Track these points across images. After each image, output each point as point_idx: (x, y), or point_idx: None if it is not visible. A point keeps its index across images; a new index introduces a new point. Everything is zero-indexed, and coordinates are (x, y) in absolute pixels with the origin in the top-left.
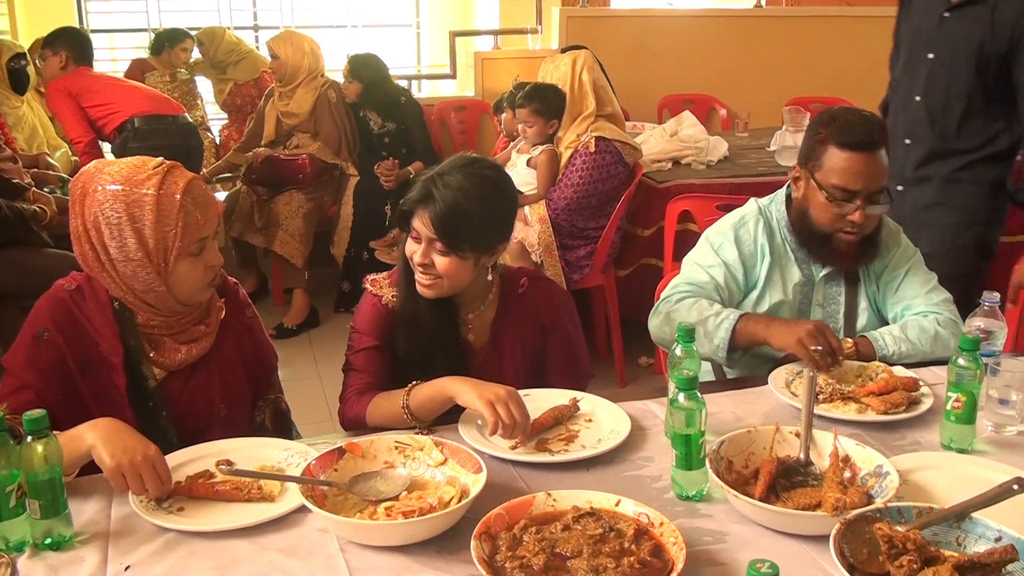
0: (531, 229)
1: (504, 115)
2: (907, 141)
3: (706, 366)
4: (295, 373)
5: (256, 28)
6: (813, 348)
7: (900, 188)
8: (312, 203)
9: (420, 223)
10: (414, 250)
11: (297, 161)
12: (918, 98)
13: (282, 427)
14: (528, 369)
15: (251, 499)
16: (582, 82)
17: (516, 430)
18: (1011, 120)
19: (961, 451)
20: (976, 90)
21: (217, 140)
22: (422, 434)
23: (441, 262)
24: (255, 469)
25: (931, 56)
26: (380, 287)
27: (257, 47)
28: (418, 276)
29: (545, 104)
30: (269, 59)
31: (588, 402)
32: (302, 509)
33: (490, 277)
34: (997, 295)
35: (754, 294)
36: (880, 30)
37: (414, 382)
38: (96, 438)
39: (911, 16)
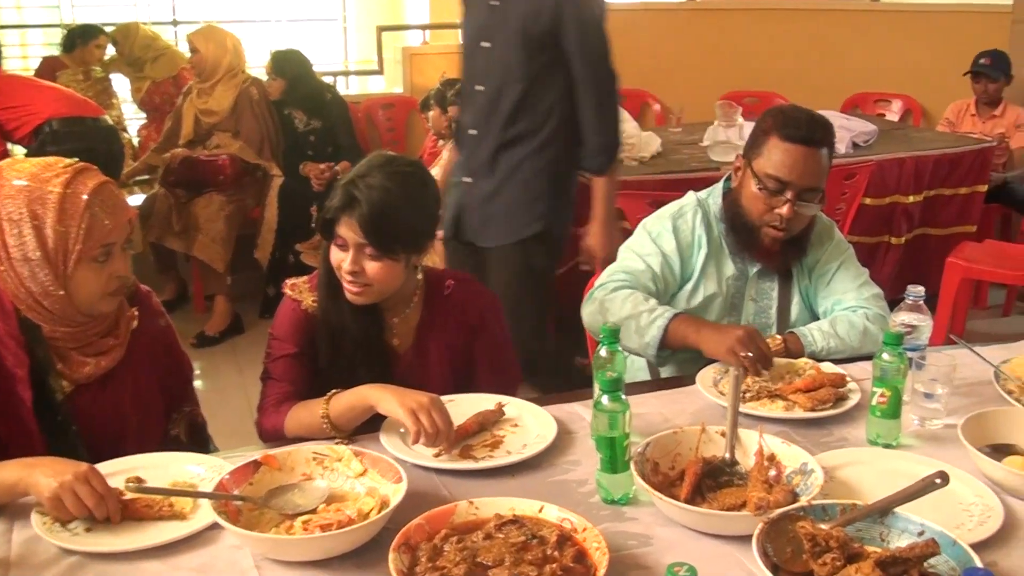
0: None
1: (432, 112)
2: (473, 132)
3: (640, 363)
4: (218, 384)
5: (175, 23)
6: (744, 355)
7: (468, 180)
8: (234, 205)
9: (347, 230)
10: (341, 258)
11: (217, 161)
12: (479, 87)
13: (198, 440)
14: (455, 374)
15: (162, 517)
16: None
17: (439, 438)
18: (567, 103)
19: (887, 446)
20: (532, 75)
21: (135, 141)
22: (342, 444)
23: (373, 267)
24: (167, 485)
25: (486, 45)
26: (299, 292)
27: (176, 43)
28: (347, 285)
29: None
30: (188, 54)
31: (514, 406)
32: (215, 526)
33: (416, 279)
34: (922, 289)
35: (688, 286)
36: (814, 23)
37: (334, 390)
38: (20, 471)
39: (469, 9)
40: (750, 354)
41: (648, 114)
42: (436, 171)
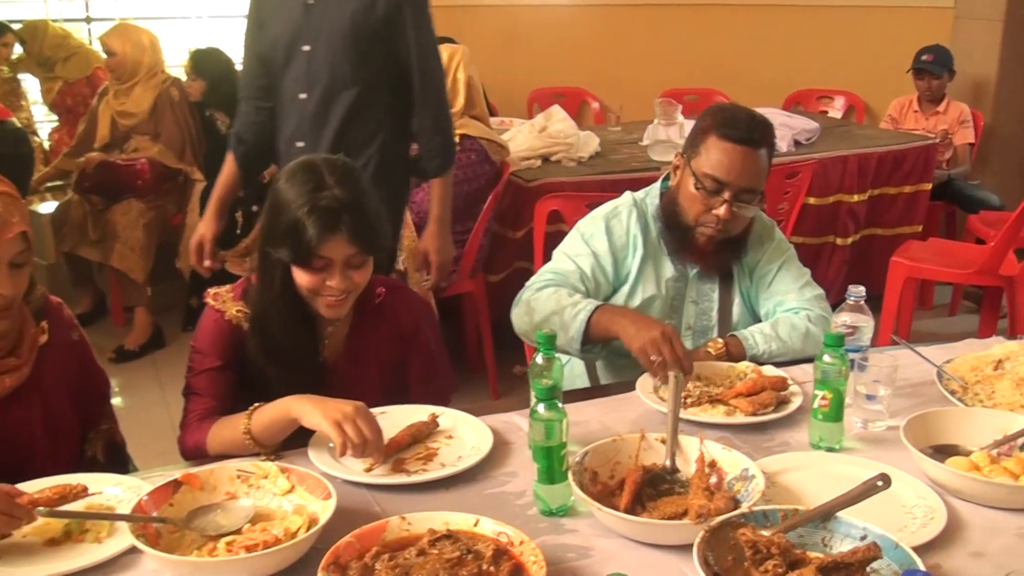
0: None
1: None
2: (300, 144)
3: (579, 370)
4: (138, 400)
5: (88, 20)
6: (653, 358)
7: None
8: (153, 212)
9: (333, 250)
10: (320, 278)
11: (135, 166)
12: (302, 96)
13: (116, 460)
14: (388, 384)
15: (78, 541)
16: (456, 79)
17: (368, 449)
18: (397, 106)
19: (830, 449)
20: (364, 78)
21: (46, 145)
22: (268, 460)
23: (359, 274)
24: (82, 508)
25: (306, 48)
26: (222, 302)
27: (90, 41)
28: (328, 301)
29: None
30: (103, 55)
31: (448, 417)
32: (133, 550)
33: None
34: (863, 289)
35: (625, 288)
36: (756, 19)
37: (256, 404)
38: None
39: (277, 10)
40: (659, 359)
41: (586, 113)
42: None
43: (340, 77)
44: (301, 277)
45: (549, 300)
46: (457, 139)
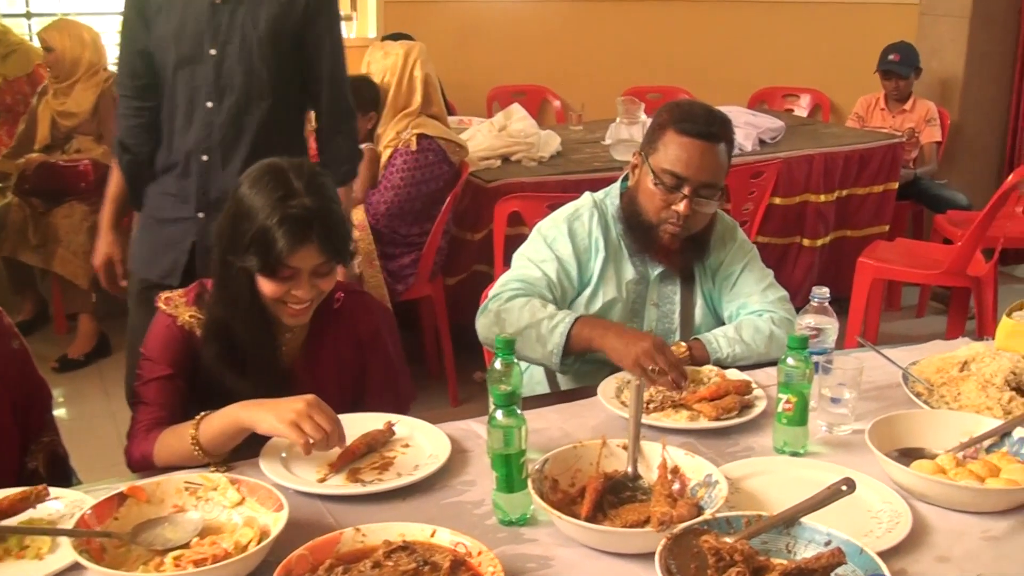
0: None
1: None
2: (204, 158)
3: (538, 376)
4: (83, 411)
5: (28, 15)
6: (651, 368)
7: (201, 215)
8: (97, 215)
9: (302, 259)
10: (285, 287)
11: (78, 168)
12: (209, 104)
13: (59, 474)
14: (346, 392)
15: (18, 558)
16: (412, 77)
17: (331, 440)
18: (304, 114)
19: (794, 454)
20: (279, 86)
21: None
22: (217, 472)
23: (326, 282)
24: (21, 523)
25: (213, 52)
26: (175, 307)
27: (30, 37)
28: (292, 309)
29: (357, 97)
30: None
31: (405, 425)
32: (76, 567)
33: None
34: (826, 290)
35: (587, 291)
36: (720, 15)
37: (204, 412)
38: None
39: (177, 9)
40: (656, 368)
41: (547, 111)
42: None
43: (256, 86)
44: (266, 286)
45: (523, 312)
46: (414, 139)
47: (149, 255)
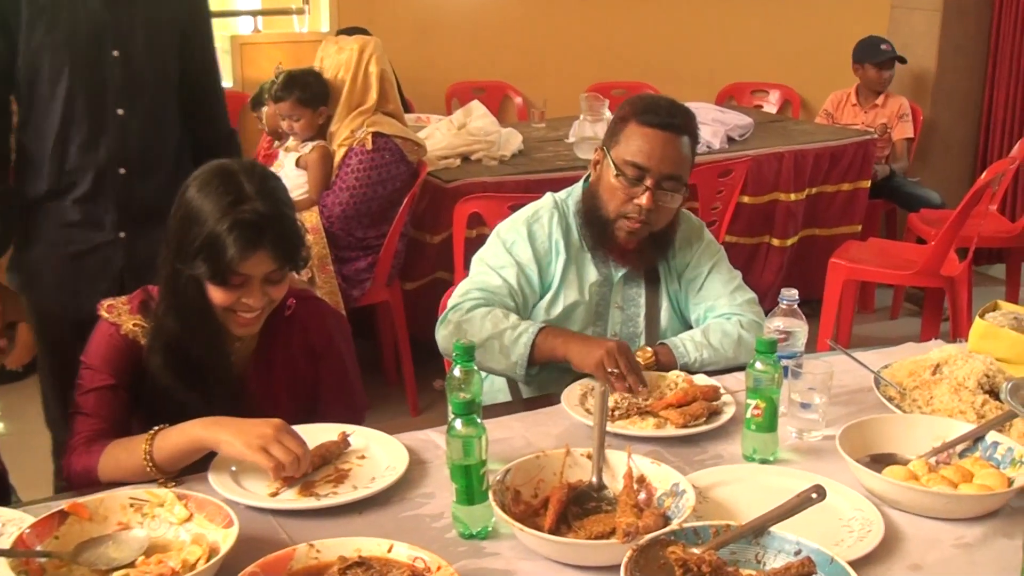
0: None
1: (266, 108)
2: (123, 171)
3: (499, 383)
4: (21, 426)
5: None
6: (610, 370)
7: (123, 235)
8: None
9: (254, 266)
10: (235, 295)
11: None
12: (120, 111)
13: None
14: (299, 402)
15: None
16: (368, 73)
17: (302, 464)
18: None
19: (764, 461)
20: (179, 87)
21: None
22: (164, 487)
23: (277, 290)
24: None
25: (116, 54)
26: (118, 314)
27: None
28: (242, 318)
29: (307, 91)
30: None
31: (361, 436)
32: None
33: None
34: (795, 292)
35: (548, 295)
36: (686, 7)
37: (158, 426)
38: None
39: (54, 14)
40: (616, 370)
41: (508, 108)
42: None
43: (165, 88)
44: (216, 294)
45: (485, 323)
46: (370, 137)
47: (68, 297)
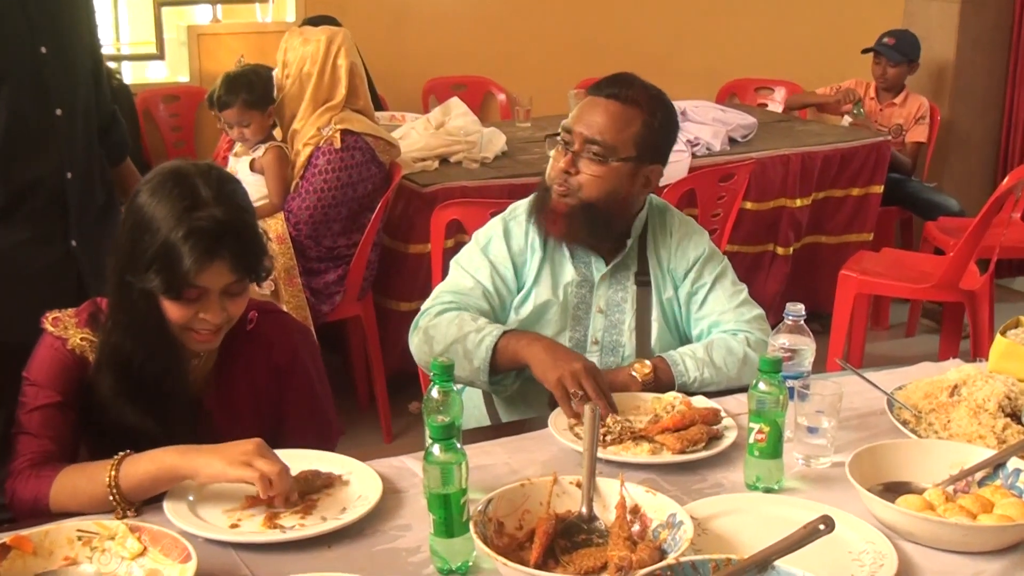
0: None
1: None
2: (70, 175)
3: (476, 399)
4: None
5: None
6: (572, 391)
7: (75, 243)
8: None
9: (212, 278)
10: (193, 310)
11: None
12: (59, 112)
13: None
14: (264, 425)
15: None
16: (336, 66)
17: (287, 474)
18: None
19: (768, 490)
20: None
21: None
22: (118, 518)
23: (236, 304)
24: None
25: (45, 51)
26: (64, 328)
27: None
28: (200, 333)
29: (253, 92)
30: None
31: (330, 462)
32: None
33: None
34: (801, 307)
35: (520, 294)
36: None
37: (123, 452)
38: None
39: None
40: (578, 393)
41: (491, 106)
42: None
43: (88, 83)
44: (171, 310)
45: (450, 327)
46: (338, 135)
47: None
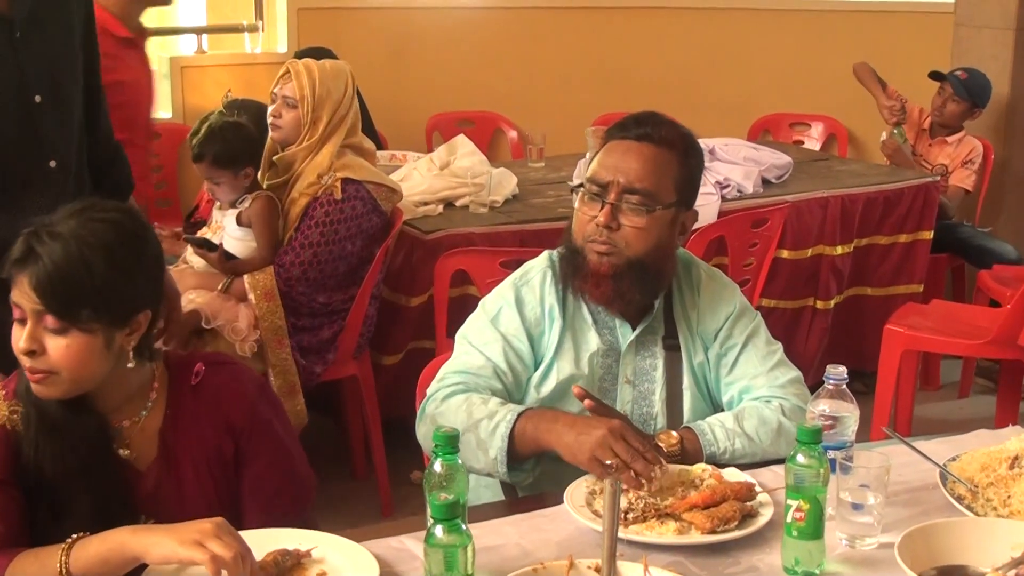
0: (245, 310)
1: None
2: (52, 162)
3: (493, 486)
4: None
5: None
6: (608, 462)
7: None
8: None
9: (21, 294)
10: (18, 336)
11: None
12: (53, 164)
13: None
14: (219, 493)
15: None
16: (353, 99)
17: (246, 561)
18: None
19: (808, 574)
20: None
21: None
22: None
23: (56, 345)
24: None
25: (39, 100)
26: None
27: None
28: (26, 371)
29: (227, 150)
30: None
31: (318, 542)
32: None
33: (150, 368)
34: (843, 369)
35: (539, 370)
36: (712, 26)
37: (75, 535)
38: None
39: None
40: (614, 462)
41: (501, 144)
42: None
43: (75, 67)
44: (12, 330)
45: (459, 413)
46: (339, 185)
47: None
